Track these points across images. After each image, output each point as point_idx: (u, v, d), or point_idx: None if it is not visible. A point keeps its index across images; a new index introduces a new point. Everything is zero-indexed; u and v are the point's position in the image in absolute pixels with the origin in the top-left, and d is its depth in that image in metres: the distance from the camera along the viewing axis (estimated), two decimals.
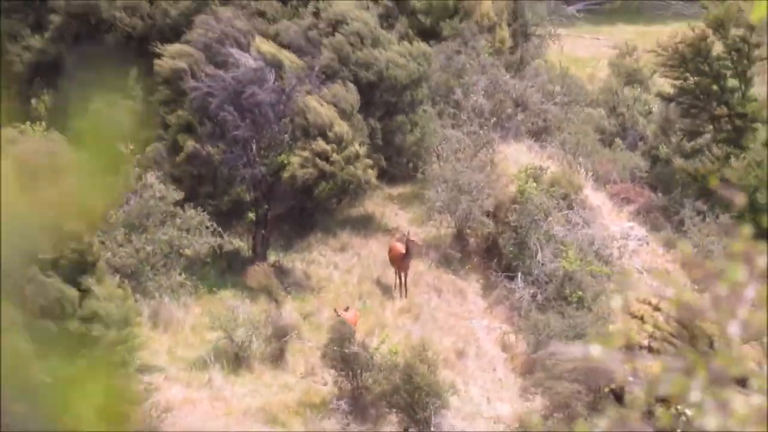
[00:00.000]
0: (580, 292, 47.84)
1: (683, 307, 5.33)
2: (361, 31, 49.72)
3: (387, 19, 51.84)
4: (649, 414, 6.22)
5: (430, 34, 53.10)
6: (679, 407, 5.91)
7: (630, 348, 5.76)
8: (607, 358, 5.69)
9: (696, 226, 51.53)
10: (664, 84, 59.88)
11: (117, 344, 41.44)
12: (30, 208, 38.28)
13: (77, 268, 41.01)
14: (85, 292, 40.74)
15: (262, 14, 49.34)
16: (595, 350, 5.51)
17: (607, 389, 37.99)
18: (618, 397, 36.25)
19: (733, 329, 5.12)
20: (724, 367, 5.27)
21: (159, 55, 48.39)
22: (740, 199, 10.02)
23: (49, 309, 40.41)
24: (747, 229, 5.40)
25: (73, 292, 40.33)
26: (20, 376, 39.29)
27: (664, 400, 5.90)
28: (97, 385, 39.47)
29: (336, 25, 49.66)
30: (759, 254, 5.11)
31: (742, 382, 5.44)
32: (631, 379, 5.96)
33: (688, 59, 56.68)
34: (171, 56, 48.04)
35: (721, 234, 50.66)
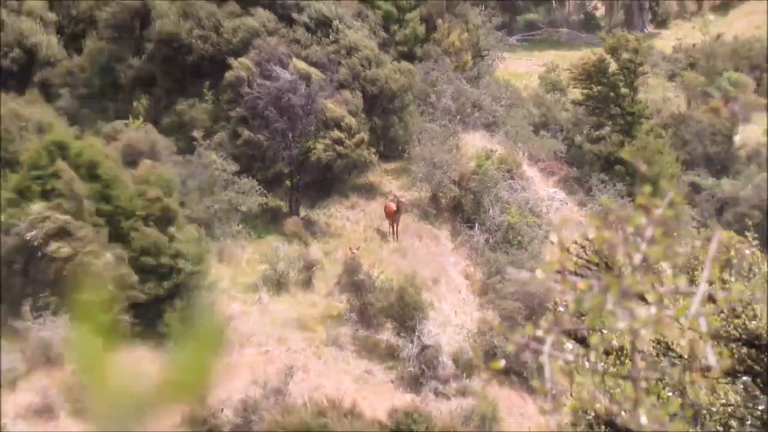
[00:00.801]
0: (519, 237, 48.11)
1: (603, 243, 5.54)
2: (368, 56, 49.65)
3: (384, 47, 51.75)
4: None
5: (410, 57, 53.03)
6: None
7: (562, 272, 6.01)
8: (547, 280, 5.90)
9: (600, 191, 51.75)
10: (576, 92, 59.93)
11: (194, 273, 41.64)
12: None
13: (165, 221, 41.19)
14: (171, 237, 40.92)
15: (297, 41, 49.16)
16: (539, 274, 5.75)
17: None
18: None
19: (637, 258, 5.34)
20: (630, 286, 5.48)
21: (227, 68, 48.34)
22: (643, 167, 10.36)
23: (147, 249, 40.54)
24: (647, 188, 5.66)
25: (163, 237, 40.49)
26: (129, 296, 39.54)
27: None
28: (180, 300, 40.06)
29: (350, 50, 49.56)
30: (654, 206, 5.31)
31: (642, 297, 5.61)
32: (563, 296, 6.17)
33: (592, 74, 56.96)
34: (236, 67, 48.06)
35: (616, 196, 51.06)
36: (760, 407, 12.57)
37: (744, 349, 12.48)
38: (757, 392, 12.80)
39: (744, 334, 12.30)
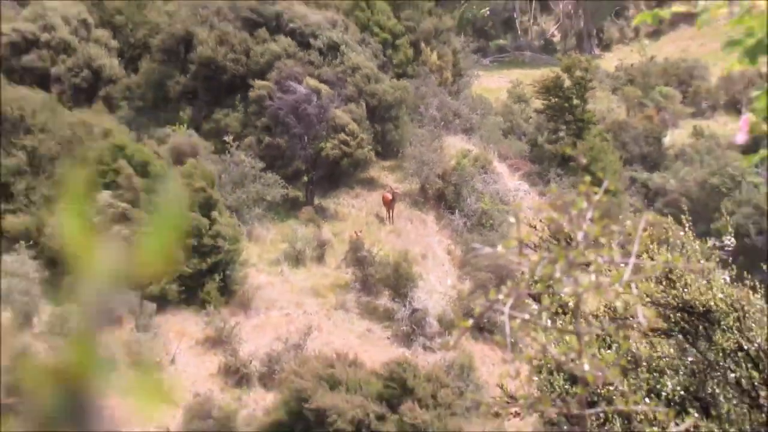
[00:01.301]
0: (491, 221, 48.02)
1: (553, 222, 5.50)
2: (369, 74, 49.56)
3: (383, 67, 51.68)
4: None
5: (403, 75, 53.00)
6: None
7: (521, 248, 5.98)
8: (508, 254, 5.88)
9: (556, 183, 51.66)
10: (538, 103, 59.85)
11: (230, 251, 41.65)
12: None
13: (207, 207, 41.17)
14: (212, 221, 40.91)
15: (311, 62, 49.10)
16: (501, 249, 5.71)
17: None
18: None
19: (580, 235, 5.31)
20: (574, 257, 5.45)
21: (252, 86, 48.48)
22: (584, 161, 10.31)
23: (191, 231, 40.56)
24: (587, 179, 5.59)
25: (205, 221, 40.48)
26: (176, 271, 39.47)
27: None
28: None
29: (354, 70, 49.48)
30: (593, 193, 5.28)
31: (586, 265, 5.59)
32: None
33: (551, 89, 56.78)
34: (258, 87, 47.98)
35: (570, 187, 51.07)
36: (690, 359, 12.58)
37: (679, 314, 12.50)
38: (687, 346, 12.80)
39: (680, 302, 12.30)
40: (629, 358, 11.13)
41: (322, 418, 30.45)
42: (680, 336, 12.61)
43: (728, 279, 12.76)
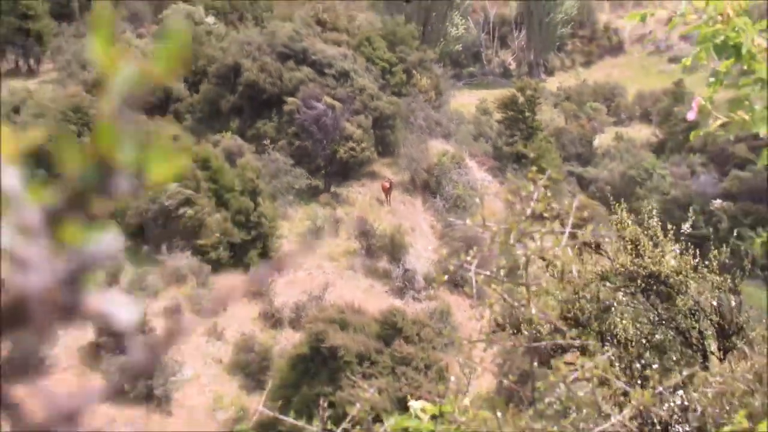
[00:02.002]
0: (463, 203, 47.98)
1: (509, 203, 5.45)
2: (371, 93, 49.47)
3: (382, 88, 51.55)
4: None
5: (398, 94, 52.87)
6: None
7: (485, 221, 5.90)
8: (474, 226, 5.81)
9: (512, 175, 51.53)
10: (498, 115, 59.72)
11: (269, 226, 41.66)
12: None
13: (254, 193, 41.24)
14: (257, 204, 40.95)
15: (327, 85, 48.96)
16: (468, 222, 5.67)
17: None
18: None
19: (528, 211, 5.28)
20: (525, 228, 5.40)
21: (285, 103, 48.39)
22: (532, 154, 10.25)
23: (240, 211, 40.83)
24: (534, 169, 5.55)
25: (251, 204, 40.58)
26: (228, 240, 39.34)
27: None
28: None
29: (360, 90, 49.39)
30: (539, 179, 5.23)
31: (533, 235, 5.54)
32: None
33: (508, 104, 56.54)
34: (289, 104, 47.91)
35: (523, 178, 50.97)
36: (649, 313, 12.49)
37: (642, 279, 12.39)
38: (639, 295, 12.71)
39: (644, 270, 12.20)
40: (600, 307, 11.04)
41: (335, 352, 30.51)
42: (641, 295, 12.52)
43: (678, 251, 12.63)
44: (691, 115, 3.65)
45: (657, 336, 7.14)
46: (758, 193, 50.87)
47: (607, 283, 8.45)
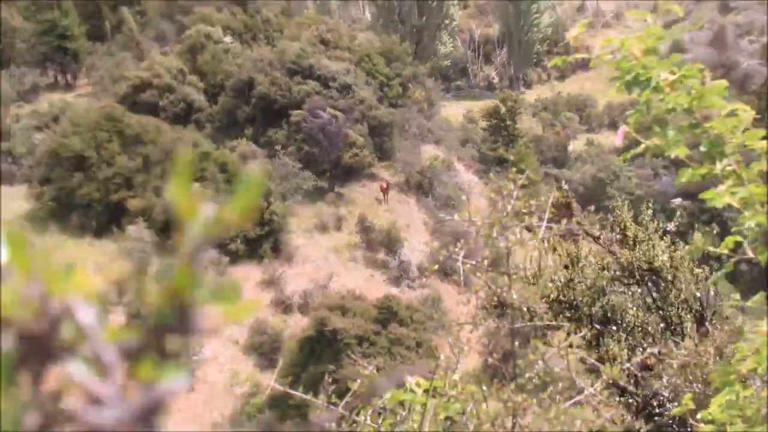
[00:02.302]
0: (453, 202, 47.85)
1: (492, 201, 5.46)
2: (371, 104, 49.38)
3: (380, 100, 51.46)
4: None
5: (395, 105, 52.79)
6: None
7: (470, 217, 5.86)
8: (461, 221, 5.74)
9: (496, 176, 51.49)
10: (483, 123, 59.64)
11: (280, 223, 41.58)
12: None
13: (265, 194, 41.13)
14: (269, 203, 40.87)
15: (331, 97, 48.85)
16: (456, 217, 5.64)
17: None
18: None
19: (509, 208, 5.27)
20: (506, 222, 5.37)
21: (292, 113, 48.34)
22: (512, 157, 10.22)
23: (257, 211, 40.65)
24: (514, 171, 5.53)
25: (263, 203, 40.48)
26: (244, 234, 39.26)
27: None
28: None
29: (361, 101, 49.30)
30: (518, 179, 5.21)
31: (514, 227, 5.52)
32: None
33: (492, 114, 56.61)
34: (297, 114, 47.79)
35: (504, 179, 50.75)
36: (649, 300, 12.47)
37: (638, 270, 12.31)
38: (634, 286, 12.65)
39: (640, 261, 12.15)
40: (596, 293, 10.93)
41: (336, 334, 30.53)
42: (636, 285, 12.43)
43: (666, 245, 12.50)
44: (617, 141, 3.73)
45: (649, 319, 7.14)
46: None
47: (606, 272, 8.43)
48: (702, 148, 3.16)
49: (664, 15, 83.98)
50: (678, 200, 53.39)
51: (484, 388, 5.16)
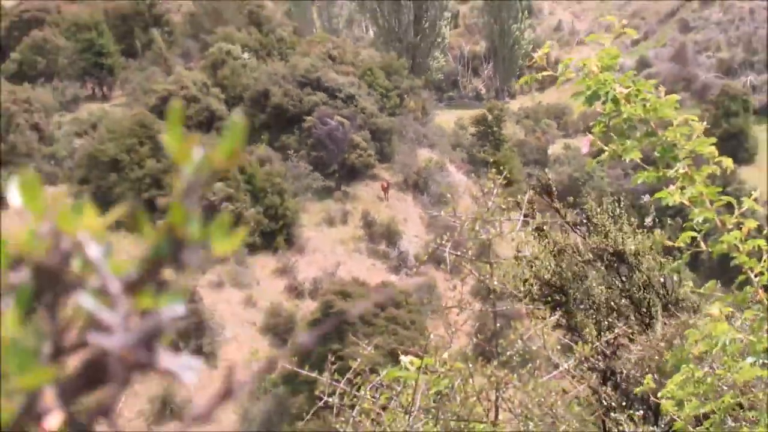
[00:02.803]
0: (445, 199, 47.72)
1: (475, 198, 5.49)
2: (372, 113, 49.32)
3: (381, 109, 51.36)
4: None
5: (393, 114, 52.71)
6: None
7: (455, 212, 5.90)
8: (448, 215, 5.80)
9: (484, 178, 51.32)
10: (472, 129, 59.53)
11: (292, 218, 41.53)
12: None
13: (279, 192, 41.20)
14: (282, 200, 40.87)
15: (337, 107, 48.83)
16: (443, 213, 5.66)
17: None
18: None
19: (491, 205, 5.30)
20: (488, 217, 5.37)
21: (304, 120, 48.22)
22: (491, 159, 10.18)
23: (270, 206, 40.62)
24: (493, 171, 5.56)
25: (278, 200, 40.65)
26: (260, 228, 39.16)
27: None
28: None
29: (363, 110, 49.22)
30: (495, 179, 5.23)
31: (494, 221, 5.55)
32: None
33: (480, 121, 56.52)
34: (307, 121, 47.76)
35: (488, 179, 50.66)
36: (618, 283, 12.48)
37: (608, 256, 12.32)
38: (603, 269, 12.62)
39: (609, 247, 12.10)
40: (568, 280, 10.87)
41: (341, 316, 30.60)
42: (604, 269, 12.38)
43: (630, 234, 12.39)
44: (584, 150, 3.76)
45: (620, 302, 7.15)
46: None
47: (579, 257, 8.42)
48: (657, 154, 3.17)
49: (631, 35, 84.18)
50: (647, 197, 53.46)
51: (470, 365, 5.18)
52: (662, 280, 7.09)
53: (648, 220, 9.39)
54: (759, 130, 61.05)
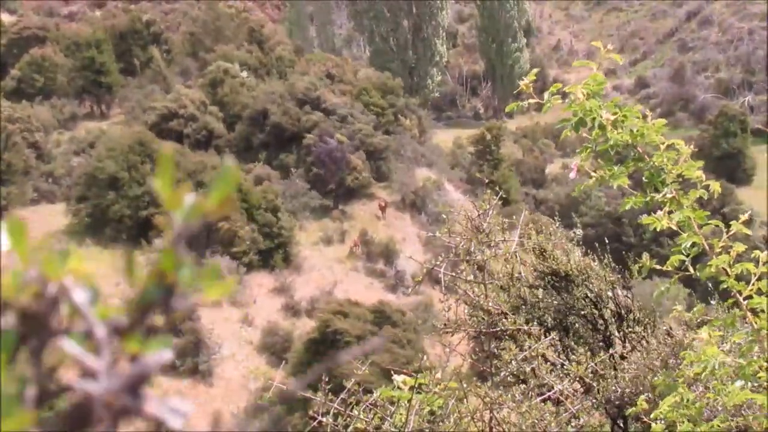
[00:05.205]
0: (444, 218, 47.71)
1: (469, 218, 5.50)
2: (368, 132, 49.39)
3: (376, 128, 51.41)
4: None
5: (389, 132, 52.79)
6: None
7: (450, 233, 5.93)
8: (443, 236, 5.82)
9: (482, 197, 51.38)
10: (470, 148, 59.59)
11: (288, 236, 41.53)
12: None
13: (274, 209, 41.13)
14: (278, 218, 40.83)
15: (335, 126, 49.01)
16: (438, 234, 5.70)
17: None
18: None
19: (485, 225, 5.31)
20: (482, 238, 5.42)
21: (303, 139, 48.30)
22: (486, 180, 10.21)
23: (265, 224, 40.54)
24: (489, 191, 5.59)
25: (274, 219, 40.42)
26: (256, 246, 39.10)
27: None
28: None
29: (359, 130, 49.29)
30: (492, 199, 5.28)
31: (489, 243, 5.55)
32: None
33: (478, 140, 56.56)
34: (306, 140, 47.84)
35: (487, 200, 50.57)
36: (556, 303, 12.51)
37: (550, 277, 12.38)
38: (553, 293, 12.67)
39: (550, 269, 12.18)
40: (520, 301, 11.01)
41: (338, 335, 30.56)
42: (551, 289, 12.44)
43: (580, 254, 12.52)
44: (572, 175, 3.82)
45: (569, 320, 7.16)
46: None
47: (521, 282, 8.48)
48: (644, 179, 3.21)
49: (630, 53, 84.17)
50: (644, 216, 53.58)
51: (464, 385, 5.20)
52: (609, 293, 7.14)
53: (578, 233, 9.45)
54: (757, 150, 61.24)
